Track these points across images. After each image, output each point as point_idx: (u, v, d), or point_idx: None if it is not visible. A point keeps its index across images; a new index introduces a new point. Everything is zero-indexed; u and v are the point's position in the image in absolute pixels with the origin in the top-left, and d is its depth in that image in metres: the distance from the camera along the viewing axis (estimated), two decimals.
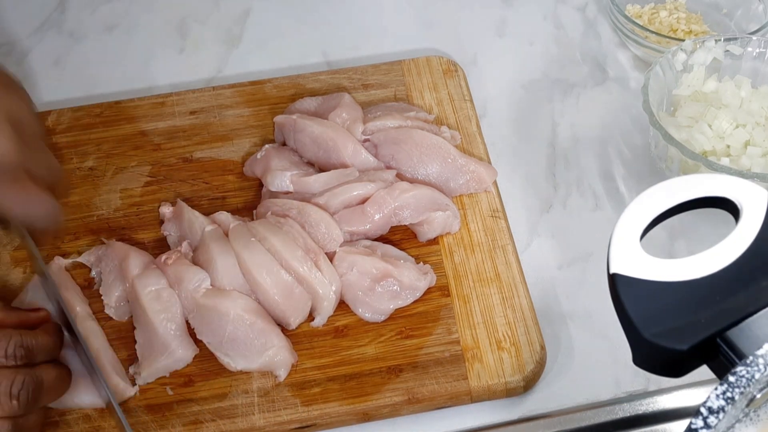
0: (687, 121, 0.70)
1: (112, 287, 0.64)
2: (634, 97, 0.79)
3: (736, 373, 0.35)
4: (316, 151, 0.71)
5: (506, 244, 0.66)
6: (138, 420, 0.58)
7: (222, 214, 0.67)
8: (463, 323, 0.62)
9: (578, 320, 0.64)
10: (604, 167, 0.74)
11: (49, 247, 0.68)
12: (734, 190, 0.42)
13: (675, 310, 0.39)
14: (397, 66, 0.80)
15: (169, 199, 0.71)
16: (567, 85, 0.81)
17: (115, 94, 0.82)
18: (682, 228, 0.68)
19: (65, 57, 0.88)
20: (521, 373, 0.59)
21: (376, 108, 0.75)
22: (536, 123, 0.78)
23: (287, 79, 0.80)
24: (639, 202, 0.42)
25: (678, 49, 0.72)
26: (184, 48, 0.88)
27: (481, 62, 0.84)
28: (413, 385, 0.59)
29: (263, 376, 0.60)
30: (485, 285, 0.64)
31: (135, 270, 0.64)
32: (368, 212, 0.65)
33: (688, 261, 0.40)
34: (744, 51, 0.72)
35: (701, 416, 0.34)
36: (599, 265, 0.53)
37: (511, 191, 0.72)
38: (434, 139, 0.70)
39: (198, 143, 0.75)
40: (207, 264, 0.63)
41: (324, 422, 0.58)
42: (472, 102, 0.77)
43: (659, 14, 0.82)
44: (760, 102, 0.69)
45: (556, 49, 0.85)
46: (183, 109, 0.78)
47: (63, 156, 0.75)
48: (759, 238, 0.40)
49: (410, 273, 0.63)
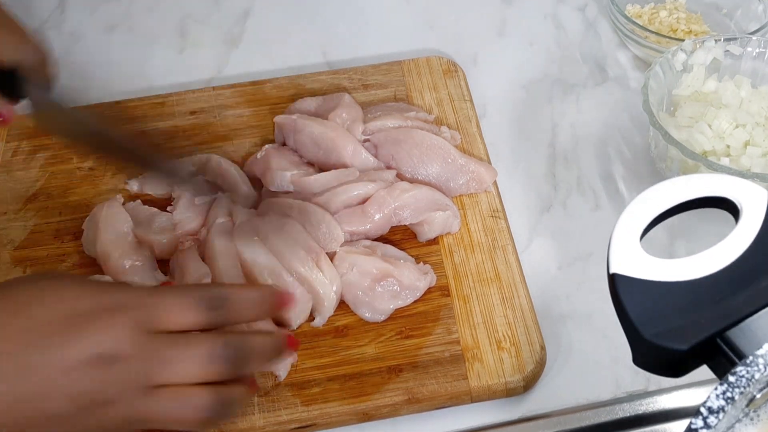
0: (687, 121, 0.70)
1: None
2: (634, 97, 0.79)
3: (736, 373, 0.35)
4: (316, 152, 0.71)
5: (506, 244, 0.66)
6: None
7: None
8: (463, 323, 0.62)
9: (578, 320, 0.64)
10: (604, 167, 0.74)
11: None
12: (734, 190, 0.42)
13: (675, 310, 0.39)
14: (397, 66, 0.80)
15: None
16: (567, 85, 0.81)
17: (115, 94, 0.82)
18: (682, 228, 0.68)
19: (65, 57, 0.88)
20: (521, 373, 0.59)
21: (376, 108, 0.75)
22: (536, 123, 0.78)
23: (287, 79, 0.80)
24: (639, 202, 0.42)
25: (678, 49, 0.72)
26: (184, 48, 0.88)
27: (481, 62, 0.84)
28: (413, 385, 0.59)
29: (263, 376, 0.60)
30: (485, 285, 0.64)
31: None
32: (368, 212, 0.65)
33: (688, 261, 0.40)
34: (744, 51, 0.72)
35: (701, 416, 0.34)
36: (599, 265, 0.53)
37: (511, 191, 0.72)
38: (434, 140, 0.70)
39: (198, 143, 0.75)
40: (210, 260, 0.63)
41: (324, 422, 0.58)
42: (472, 102, 0.77)
43: (659, 14, 0.82)
44: (759, 102, 0.69)
45: (556, 49, 0.85)
46: (183, 109, 0.78)
47: (63, 156, 0.75)
48: (759, 238, 0.40)
49: (410, 273, 0.63)
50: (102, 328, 0.44)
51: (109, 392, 0.44)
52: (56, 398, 0.43)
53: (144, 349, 0.45)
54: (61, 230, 0.69)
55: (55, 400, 0.43)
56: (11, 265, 0.67)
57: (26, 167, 0.75)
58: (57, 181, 0.73)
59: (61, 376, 0.43)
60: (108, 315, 0.45)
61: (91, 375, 0.44)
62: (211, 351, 0.45)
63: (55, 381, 0.43)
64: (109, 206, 0.67)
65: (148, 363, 0.45)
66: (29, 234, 0.69)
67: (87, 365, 0.44)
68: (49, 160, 0.75)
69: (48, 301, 0.45)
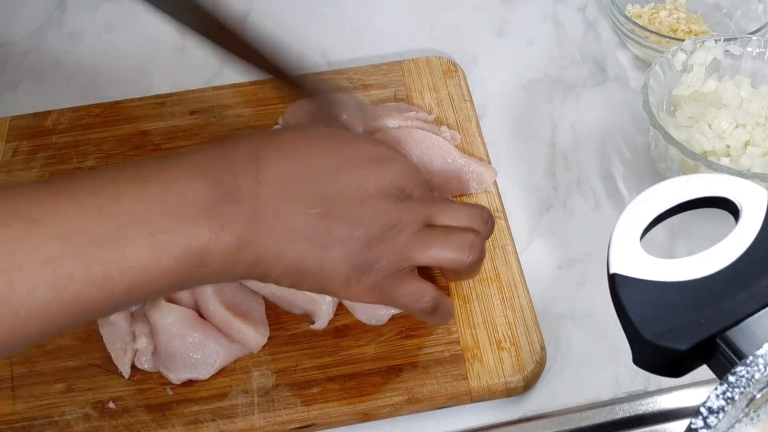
0: (687, 121, 0.70)
1: None
2: (634, 97, 0.79)
3: (736, 373, 0.35)
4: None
5: (506, 244, 0.66)
6: (138, 420, 0.58)
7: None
8: (463, 323, 0.62)
9: (578, 320, 0.64)
10: (604, 167, 0.74)
11: None
12: (734, 190, 0.42)
13: (675, 310, 0.39)
14: (397, 66, 0.80)
15: None
16: (567, 85, 0.81)
17: (115, 94, 0.82)
18: (682, 228, 0.68)
19: (65, 57, 0.88)
20: (521, 373, 0.59)
21: (375, 109, 0.75)
22: (536, 123, 0.78)
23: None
24: (639, 202, 0.42)
25: (678, 49, 0.72)
26: (184, 48, 0.88)
27: (481, 62, 0.84)
28: (413, 385, 0.59)
29: (263, 376, 0.60)
30: (485, 285, 0.64)
31: None
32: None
33: (688, 261, 0.40)
34: (744, 51, 0.72)
35: (701, 416, 0.34)
36: (599, 265, 0.53)
37: (511, 191, 0.72)
38: (435, 139, 0.70)
39: (198, 143, 0.75)
40: None
41: (324, 422, 0.58)
42: (472, 102, 0.77)
43: (659, 14, 0.82)
44: (759, 102, 0.69)
45: (556, 49, 0.85)
46: (183, 109, 0.78)
47: (63, 156, 0.75)
48: (759, 238, 0.40)
49: None
50: (399, 169, 0.52)
51: (401, 219, 0.51)
52: (355, 221, 0.49)
53: (428, 195, 0.54)
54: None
55: (353, 223, 0.49)
56: None
57: (26, 167, 0.75)
58: None
59: (362, 202, 0.50)
60: (401, 161, 0.53)
61: (386, 204, 0.50)
62: (480, 213, 0.55)
63: (356, 207, 0.50)
64: None
65: (432, 205, 0.53)
66: None
67: (384, 195, 0.51)
68: (49, 160, 0.75)
69: (346, 143, 0.53)
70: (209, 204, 0.46)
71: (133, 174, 0.46)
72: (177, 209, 0.45)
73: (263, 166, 0.49)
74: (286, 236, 0.48)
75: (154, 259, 0.44)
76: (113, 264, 0.43)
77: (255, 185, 0.48)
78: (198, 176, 0.47)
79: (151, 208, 0.44)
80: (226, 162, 0.48)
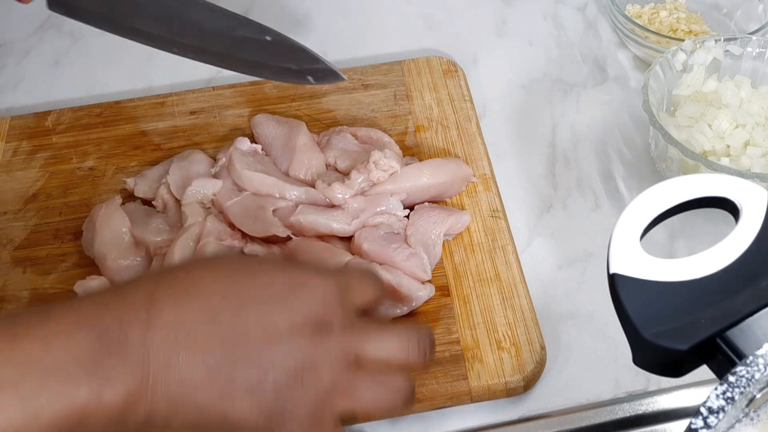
0: (687, 121, 0.70)
1: None
2: (634, 97, 0.79)
3: (736, 373, 0.35)
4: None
5: (506, 244, 0.66)
6: None
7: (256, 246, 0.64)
8: (463, 323, 0.62)
9: (578, 320, 0.64)
10: (604, 167, 0.74)
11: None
12: (734, 190, 0.42)
13: (675, 310, 0.39)
14: (397, 66, 0.80)
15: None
16: (567, 85, 0.81)
17: (115, 94, 0.82)
18: (682, 228, 0.68)
19: (65, 57, 0.88)
20: (521, 373, 0.59)
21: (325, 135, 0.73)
22: (536, 123, 0.78)
23: None
24: (639, 202, 0.42)
25: (678, 49, 0.72)
26: None
27: (481, 62, 0.84)
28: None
29: None
30: (485, 285, 0.64)
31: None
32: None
33: (688, 261, 0.40)
34: (744, 51, 0.72)
35: (701, 416, 0.34)
36: (599, 265, 0.53)
37: (511, 191, 0.72)
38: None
39: (198, 143, 0.75)
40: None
41: None
42: (472, 102, 0.77)
43: (659, 14, 0.82)
44: (760, 102, 0.69)
45: (556, 49, 0.85)
46: (183, 109, 0.78)
47: (63, 156, 0.75)
48: (759, 238, 0.40)
49: (410, 283, 0.62)
50: (313, 296, 0.46)
51: (317, 359, 0.45)
52: (262, 366, 0.44)
53: (352, 323, 0.47)
54: (61, 230, 0.69)
55: (260, 367, 0.43)
56: (11, 265, 0.67)
57: (26, 167, 0.75)
58: (57, 181, 0.73)
59: (270, 343, 0.44)
60: (318, 286, 0.46)
61: (299, 341, 0.44)
62: (416, 337, 0.47)
63: (264, 348, 0.44)
64: (106, 207, 0.67)
65: (356, 335, 0.46)
66: (29, 234, 0.69)
67: (296, 331, 0.44)
68: (49, 160, 0.75)
69: (253, 274, 0.47)
70: (89, 360, 0.41)
71: (6, 329, 0.41)
72: (52, 368, 0.41)
73: (155, 311, 0.43)
74: (180, 389, 0.43)
75: (24, 423, 0.39)
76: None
77: (143, 334, 0.43)
78: (80, 328, 0.42)
79: (22, 369, 0.40)
80: (116, 309, 0.43)
